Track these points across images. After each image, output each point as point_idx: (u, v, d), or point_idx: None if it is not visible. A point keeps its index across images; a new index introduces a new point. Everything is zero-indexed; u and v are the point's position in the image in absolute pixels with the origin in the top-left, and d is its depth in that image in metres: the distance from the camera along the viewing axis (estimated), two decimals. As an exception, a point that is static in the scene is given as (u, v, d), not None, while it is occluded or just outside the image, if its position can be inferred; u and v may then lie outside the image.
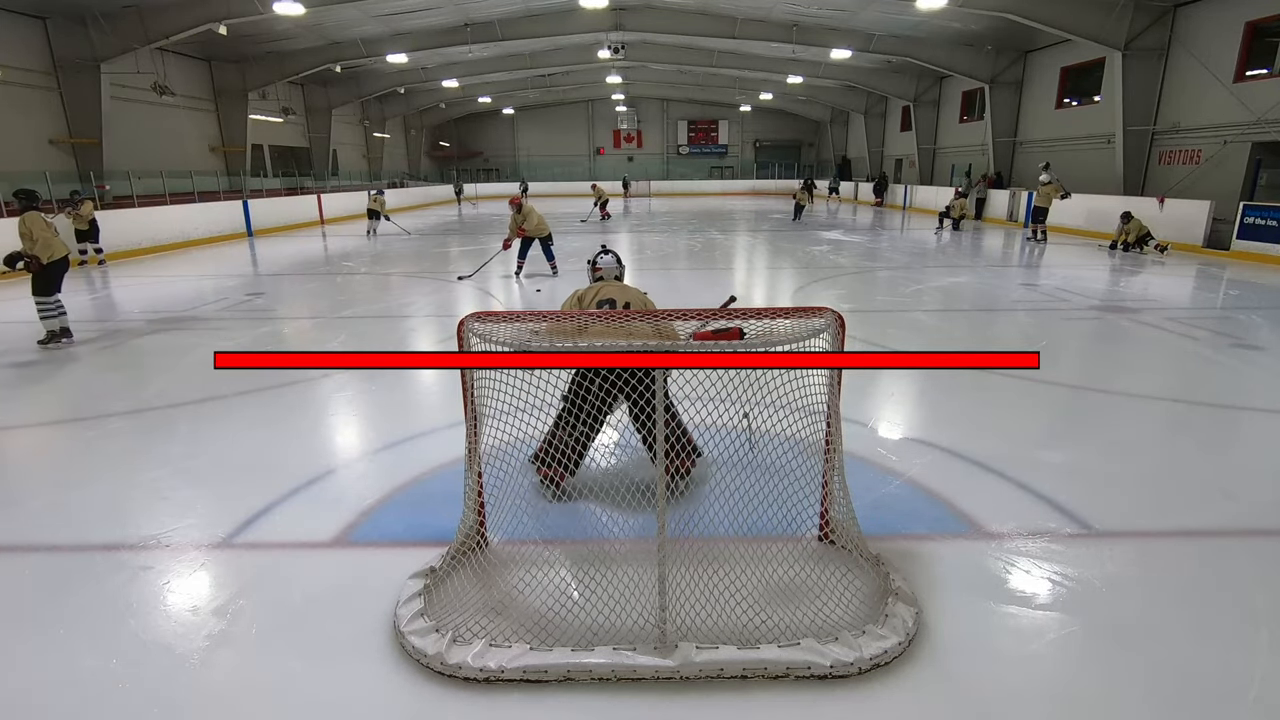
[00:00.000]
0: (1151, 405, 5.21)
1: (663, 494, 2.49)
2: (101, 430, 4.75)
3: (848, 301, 9.10)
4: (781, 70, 27.51)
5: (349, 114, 31.01)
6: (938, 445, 4.30)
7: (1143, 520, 3.43)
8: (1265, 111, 13.27)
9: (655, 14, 21.88)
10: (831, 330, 2.77)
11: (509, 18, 21.84)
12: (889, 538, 3.17)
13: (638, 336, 2.68)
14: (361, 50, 22.36)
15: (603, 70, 31.50)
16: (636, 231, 19.00)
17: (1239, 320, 7.85)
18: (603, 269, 4.06)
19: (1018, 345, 6.88)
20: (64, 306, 6.97)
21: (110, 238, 13.80)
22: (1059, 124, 19.76)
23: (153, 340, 7.28)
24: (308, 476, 3.92)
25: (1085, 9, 15.44)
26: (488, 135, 43.51)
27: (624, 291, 3.73)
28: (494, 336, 2.59)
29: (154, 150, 19.62)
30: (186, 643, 2.56)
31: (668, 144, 43.77)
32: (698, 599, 2.58)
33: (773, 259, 13.61)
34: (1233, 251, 12.67)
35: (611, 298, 3.64)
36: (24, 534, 3.39)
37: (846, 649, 2.39)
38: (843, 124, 37.19)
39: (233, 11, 16.10)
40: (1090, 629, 2.60)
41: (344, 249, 15.95)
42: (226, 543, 3.26)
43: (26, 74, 15.95)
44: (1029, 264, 12.71)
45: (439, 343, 7.03)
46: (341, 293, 10.35)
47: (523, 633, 2.49)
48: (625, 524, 3.13)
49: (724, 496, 2.81)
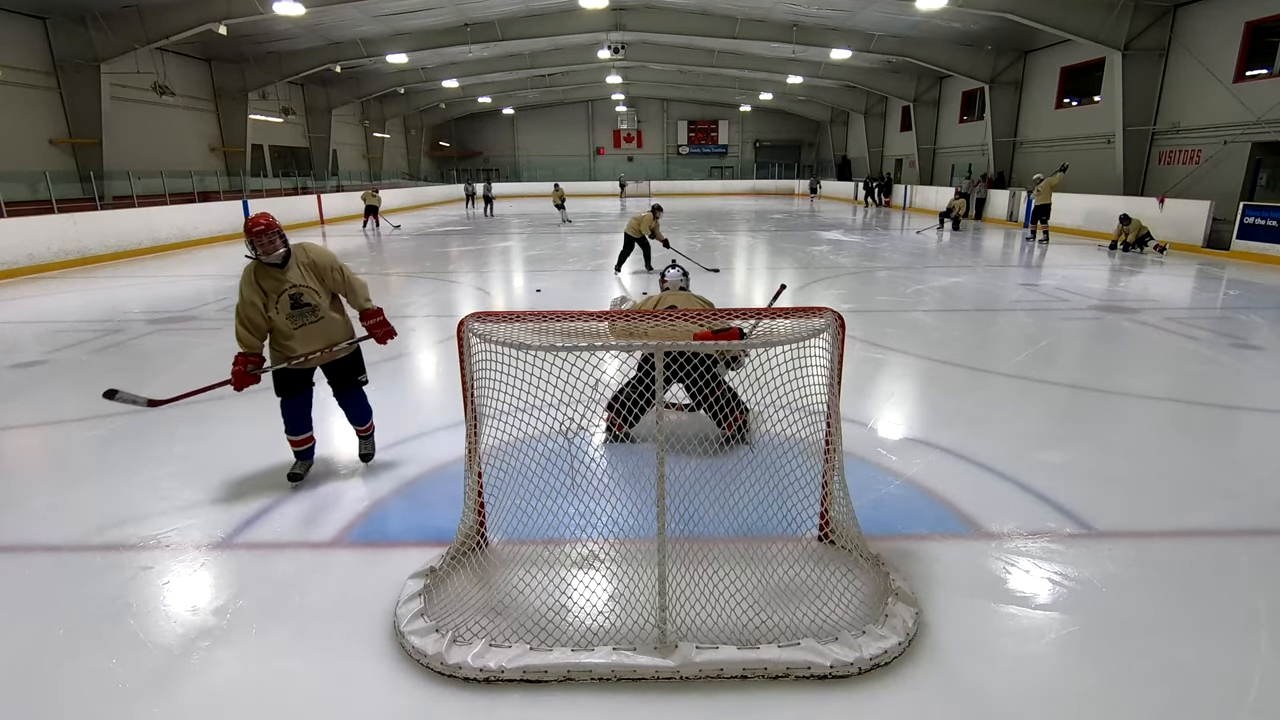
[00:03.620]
0: (1151, 405, 5.20)
1: (662, 494, 2.49)
2: (101, 430, 4.75)
3: (848, 301, 9.10)
4: (781, 70, 27.52)
5: (349, 114, 31.01)
6: (938, 445, 4.30)
7: (1143, 520, 3.43)
8: (1265, 111, 13.26)
9: (655, 14, 21.88)
10: (831, 330, 2.77)
11: (509, 18, 21.84)
12: (889, 538, 3.17)
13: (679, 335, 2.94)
14: (361, 50, 22.36)
15: (603, 70, 31.50)
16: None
17: (1239, 320, 7.84)
18: (669, 281, 4.81)
19: (1018, 345, 6.88)
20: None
21: (110, 238, 13.83)
22: (1059, 124, 19.76)
23: (153, 340, 7.27)
24: (308, 476, 3.92)
25: (1085, 9, 15.44)
26: (488, 135, 43.50)
27: (685, 300, 4.26)
28: (494, 336, 2.59)
29: (154, 150, 19.61)
30: (186, 643, 2.56)
31: (668, 144, 43.76)
32: (698, 599, 2.58)
33: (773, 259, 13.60)
34: (1233, 251, 12.67)
35: (673, 305, 4.09)
36: (24, 534, 3.39)
37: (846, 649, 2.39)
38: (843, 124, 37.19)
39: (233, 11, 16.10)
40: (1090, 629, 2.60)
41: (344, 249, 15.95)
42: (226, 543, 3.26)
43: (26, 74, 15.94)
44: (1029, 264, 12.70)
45: (439, 342, 7.03)
46: (341, 293, 10.33)
47: (523, 633, 2.49)
48: (625, 524, 3.13)
49: (724, 496, 2.81)
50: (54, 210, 13.74)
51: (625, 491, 3.50)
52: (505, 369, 2.66)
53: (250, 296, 3.53)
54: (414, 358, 6.62)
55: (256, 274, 3.53)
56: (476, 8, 20.59)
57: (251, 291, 3.52)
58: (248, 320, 3.55)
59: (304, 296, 3.57)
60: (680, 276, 4.80)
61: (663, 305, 4.17)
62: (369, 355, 4.14)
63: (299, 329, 3.59)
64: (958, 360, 6.30)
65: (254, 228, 3.44)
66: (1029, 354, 6.50)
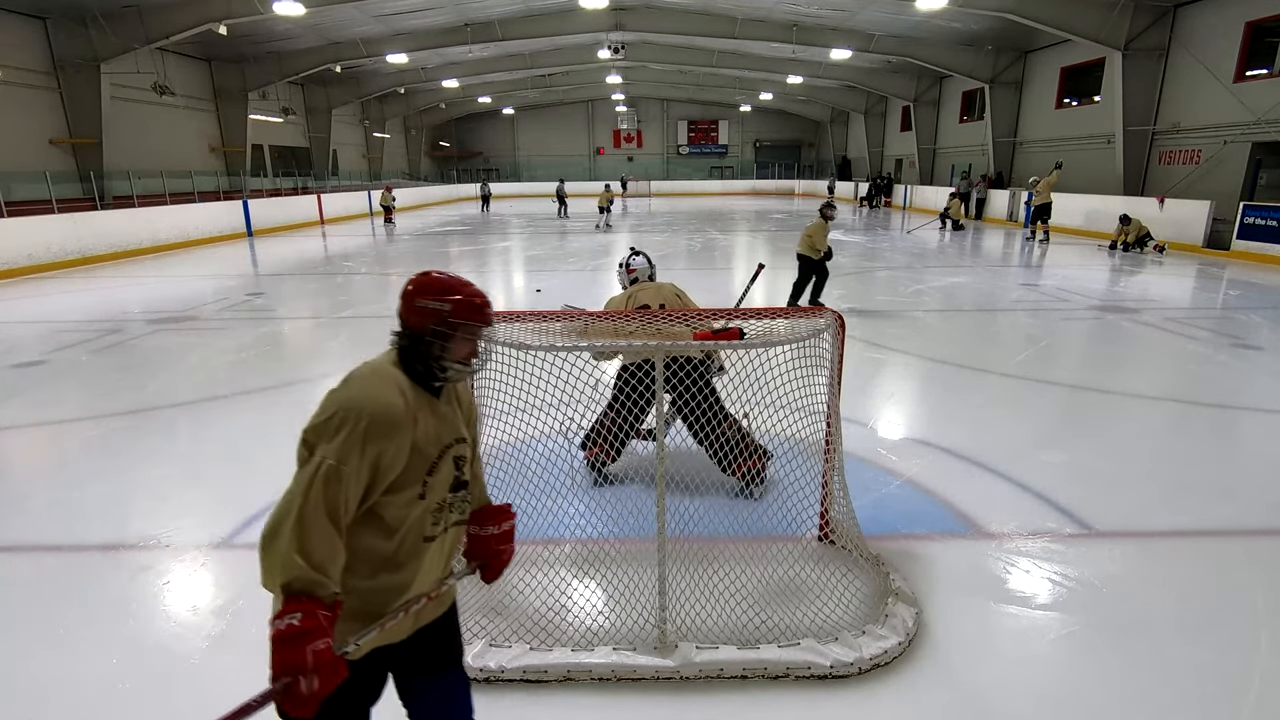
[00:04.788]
0: (1151, 405, 5.20)
1: (662, 494, 2.49)
2: (101, 430, 4.75)
3: (848, 301, 9.10)
4: (781, 70, 27.51)
5: (349, 114, 30.99)
6: (938, 445, 4.30)
7: (1143, 520, 3.43)
8: (1265, 111, 13.26)
9: (655, 14, 21.87)
10: (831, 330, 2.77)
11: (509, 18, 21.83)
12: (889, 538, 3.17)
13: (668, 336, 2.74)
14: (361, 50, 22.36)
15: (603, 70, 31.49)
16: (636, 232, 18.97)
17: (1239, 320, 7.84)
18: (636, 269, 4.14)
19: (1018, 345, 6.88)
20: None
21: (110, 238, 13.82)
22: (1059, 124, 19.75)
23: (153, 340, 7.27)
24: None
25: (1085, 9, 15.43)
26: (488, 135, 43.48)
27: (658, 293, 3.83)
28: (494, 336, 2.58)
29: (154, 150, 19.60)
30: (186, 643, 2.56)
31: (668, 144, 43.75)
32: (698, 599, 2.58)
33: (772, 259, 13.60)
34: (1233, 251, 12.67)
35: (646, 303, 3.73)
36: (24, 534, 3.39)
37: (846, 649, 2.39)
38: (843, 124, 37.18)
39: (233, 11, 16.09)
40: (1090, 629, 2.59)
41: (344, 249, 15.95)
42: (226, 543, 3.26)
43: (26, 74, 15.93)
44: (1029, 264, 12.70)
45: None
46: (342, 293, 10.35)
47: (523, 633, 2.48)
48: (625, 524, 3.13)
49: (724, 496, 2.81)
50: (54, 210, 13.73)
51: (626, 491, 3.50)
52: (505, 369, 2.66)
53: (388, 443, 1.40)
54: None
55: (412, 396, 1.47)
56: (476, 8, 20.58)
57: (394, 433, 1.41)
58: (344, 502, 1.36)
59: (464, 464, 1.62)
60: (646, 264, 4.15)
61: (637, 302, 3.76)
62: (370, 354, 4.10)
63: (438, 536, 1.56)
64: (958, 360, 6.30)
65: (473, 299, 1.54)
66: (1029, 354, 6.50)
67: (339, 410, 1.37)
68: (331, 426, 1.36)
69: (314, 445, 1.37)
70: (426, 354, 1.48)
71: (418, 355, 1.48)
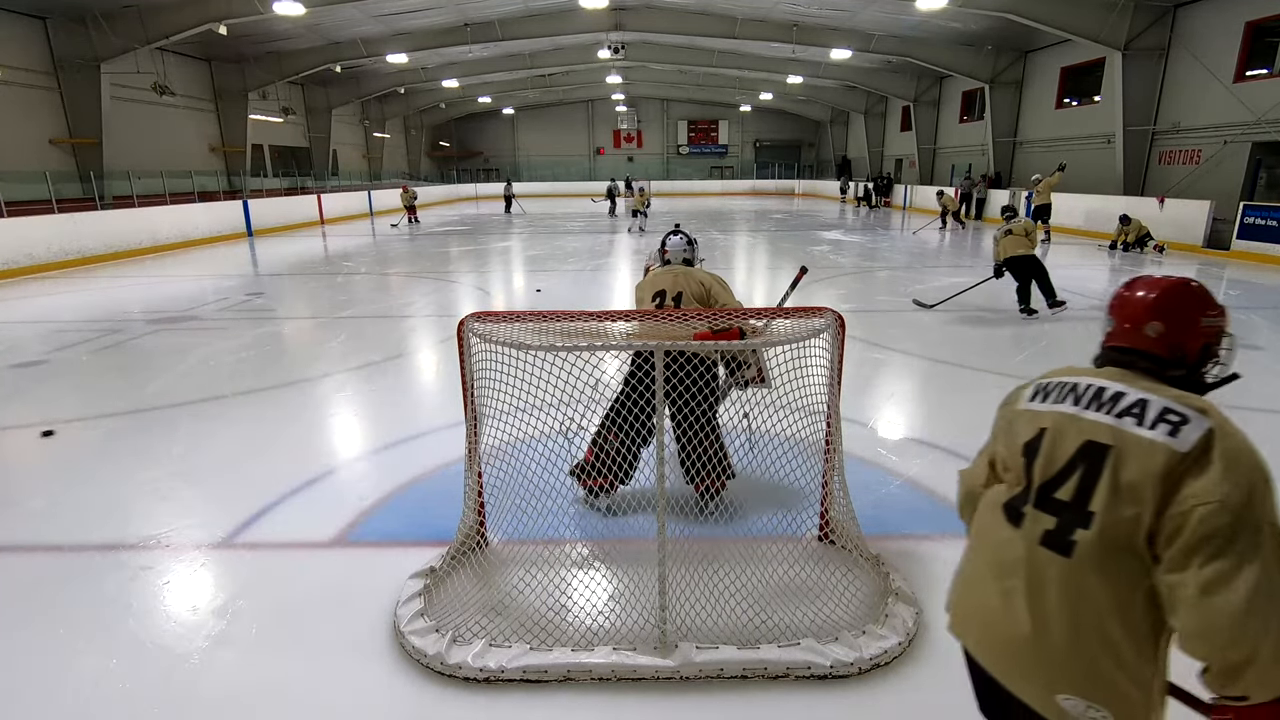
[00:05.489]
0: (1151, 405, 5.19)
1: (662, 494, 2.49)
2: (101, 430, 4.75)
3: (848, 301, 9.09)
4: (781, 70, 27.51)
5: (349, 114, 31.00)
6: (938, 445, 4.30)
7: (1143, 520, 3.42)
8: (1265, 111, 13.26)
9: (655, 14, 21.87)
10: (831, 330, 2.77)
11: (509, 18, 21.84)
12: (889, 538, 3.16)
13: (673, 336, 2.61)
14: (361, 50, 22.36)
15: (603, 70, 31.49)
16: (636, 232, 18.96)
17: (1239, 320, 7.84)
18: (670, 251, 3.77)
19: (1019, 345, 6.88)
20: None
21: (110, 238, 13.82)
22: (1059, 124, 19.75)
23: (153, 340, 7.27)
24: (307, 476, 3.92)
25: (1085, 9, 15.44)
26: (488, 135, 43.50)
27: (677, 281, 3.47)
28: (494, 336, 2.59)
29: (154, 150, 19.61)
30: (186, 643, 2.56)
31: (668, 144, 43.76)
32: (698, 599, 2.58)
33: (773, 259, 13.60)
34: (1233, 251, 12.67)
35: (663, 289, 3.46)
36: (24, 534, 3.39)
37: (846, 649, 2.39)
38: (843, 124, 37.19)
39: (233, 11, 16.10)
40: (1090, 629, 2.59)
41: (344, 249, 15.95)
42: (226, 543, 3.26)
43: (26, 74, 15.94)
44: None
45: (439, 342, 7.02)
46: (342, 293, 10.35)
47: (523, 633, 2.48)
48: (625, 524, 3.13)
49: (724, 496, 2.81)
50: (54, 210, 13.73)
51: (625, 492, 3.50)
52: (505, 369, 2.66)
53: None
54: (414, 358, 6.62)
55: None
56: (476, 8, 20.59)
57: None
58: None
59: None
60: (682, 245, 3.75)
61: (655, 288, 3.48)
62: (370, 354, 4.11)
63: None
64: (958, 360, 6.30)
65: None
66: (1029, 354, 6.49)
67: (1258, 471, 1.20)
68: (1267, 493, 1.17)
69: (1260, 521, 1.14)
70: (1200, 380, 1.31)
71: (1189, 383, 1.28)
